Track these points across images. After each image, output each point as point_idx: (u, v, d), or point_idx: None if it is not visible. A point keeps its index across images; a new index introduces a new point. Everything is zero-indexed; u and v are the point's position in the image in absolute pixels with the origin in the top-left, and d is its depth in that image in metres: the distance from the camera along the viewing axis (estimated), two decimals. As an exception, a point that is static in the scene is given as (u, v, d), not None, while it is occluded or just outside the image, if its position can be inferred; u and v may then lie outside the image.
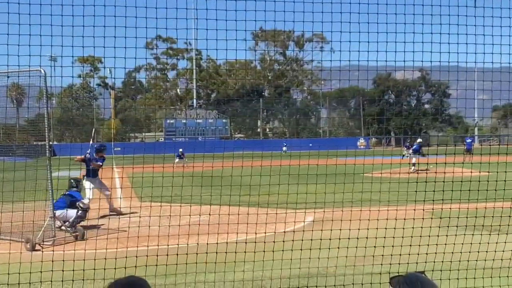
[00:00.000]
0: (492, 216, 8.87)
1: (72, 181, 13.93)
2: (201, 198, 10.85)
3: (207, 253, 7.24)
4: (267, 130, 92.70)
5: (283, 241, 7.57)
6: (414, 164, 27.26)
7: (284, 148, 57.72)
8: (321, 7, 7.87)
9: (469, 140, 36.85)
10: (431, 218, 9.89)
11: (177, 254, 7.33)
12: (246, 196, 9.99)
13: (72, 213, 12.75)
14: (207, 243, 7.99)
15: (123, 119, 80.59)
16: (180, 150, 39.47)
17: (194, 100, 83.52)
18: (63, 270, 6.87)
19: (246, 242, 8.00)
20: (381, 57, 8.40)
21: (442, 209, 9.26)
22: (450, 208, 9.61)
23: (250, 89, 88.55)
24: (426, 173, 19.86)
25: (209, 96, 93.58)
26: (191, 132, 73.66)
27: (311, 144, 49.71)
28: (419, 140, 30.26)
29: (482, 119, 78.49)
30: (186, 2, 7.40)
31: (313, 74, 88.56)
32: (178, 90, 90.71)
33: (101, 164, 16.37)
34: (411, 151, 28.53)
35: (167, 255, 7.28)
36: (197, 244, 7.62)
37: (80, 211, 12.72)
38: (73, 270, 6.84)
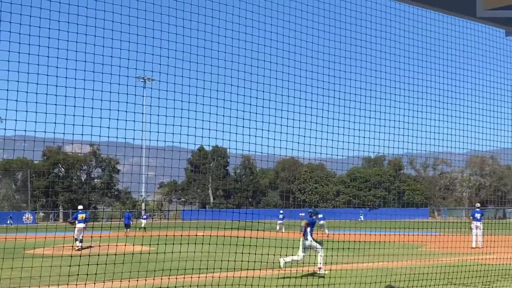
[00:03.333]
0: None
1: None
2: None
3: None
4: None
5: None
6: (81, 241, 24.83)
7: None
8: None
9: (130, 216, 40.19)
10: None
11: None
12: None
13: None
14: None
15: None
16: None
17: None
18: None
19: None
20: (50, 129, 8.27)
21: None
22: None
23: None
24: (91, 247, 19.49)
25: None
26: None
27: None
28: (80, 207, 28.55)
29: (148, 194, 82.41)
30: None
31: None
32: None
33: None
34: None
35: None
36: None
37: None
38: None
